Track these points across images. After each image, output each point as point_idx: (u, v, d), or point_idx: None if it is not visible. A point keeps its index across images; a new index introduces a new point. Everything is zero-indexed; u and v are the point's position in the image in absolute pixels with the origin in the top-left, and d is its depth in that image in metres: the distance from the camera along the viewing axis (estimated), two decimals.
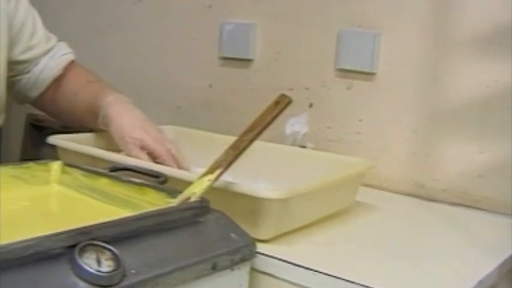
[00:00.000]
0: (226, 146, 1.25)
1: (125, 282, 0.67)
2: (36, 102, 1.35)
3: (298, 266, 0.86)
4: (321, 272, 0.85)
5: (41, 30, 1.31)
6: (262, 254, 0.87)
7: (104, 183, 0.95)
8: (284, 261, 0.87)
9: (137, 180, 0.92)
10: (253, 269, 0.87)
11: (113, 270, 0.66)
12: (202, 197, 0.84)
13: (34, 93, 1.32)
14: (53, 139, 1.15)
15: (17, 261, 0.63)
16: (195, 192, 0.84)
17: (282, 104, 0.92)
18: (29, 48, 1.29)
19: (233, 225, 0.85)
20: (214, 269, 0.78)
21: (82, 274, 0.65)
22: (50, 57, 1.32)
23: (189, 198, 0.84)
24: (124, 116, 1.16)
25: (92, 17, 1.77)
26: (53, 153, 1.89)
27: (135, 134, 1.13)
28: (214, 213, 0.84)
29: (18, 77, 1.29)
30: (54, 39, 1.34)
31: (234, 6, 1.48)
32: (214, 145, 1.26)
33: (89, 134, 1.24)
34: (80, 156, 1.10)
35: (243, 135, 0.90)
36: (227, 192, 0.90)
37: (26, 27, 1.28)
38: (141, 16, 1.68)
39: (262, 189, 0.89)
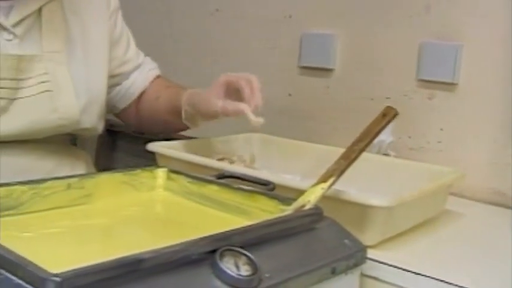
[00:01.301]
0: (307, 153, 1.30)
1: (262, 286, 0.71)
2: (120, 113, 1.40)
3: (407, 270, 0.89)
4: (429, 277, 0.88)
5: (132, 46, 1.37)
6: (370, 259, 0.91)
7: (212, 190, 0.99)
8: (392, 266, 0.91)
9: (247, 188, 0.96)
10: (361, 273, 0.90)
11: (252, 274, 0.70)
12: (316, 205, 0.87)
13: (121, 105, 1.38)
14: (155, 146, 1.19)
15: (167, 266, 0.67)
16: (309, 200, 0.87)
17: (389, 115, 0.95)
18: (123, 63, 1.34)
19: (344, 232, 0.88)
20: (333, 273, 0.82)
21: (224, 278, 0.69)
22: (139, 72, 1.38)
23: (303, 205, 0.87)
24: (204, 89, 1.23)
25: (169, 26, 1.82)
26: (126, 157, 1.95)
27: (220, 80, 1.19)
28: (326, 220, 0.88)
29: (109, 89, 1.33)
30: (142, 54, 1.40)
31: (314, 16, 1.51)
32: (297, 152, 1.31)
33: (183, 141, 1.28)
34: (179, 163, 1.13)
35: (353, 145, 0.94)
36: (335, 200, 0.93)
37: (122, 42, 1.34)
38: (218, 25, 1.72)
39: (371, 197, 0.92)
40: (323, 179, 0.90)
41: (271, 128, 1.38)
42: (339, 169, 0.90)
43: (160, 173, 1.06)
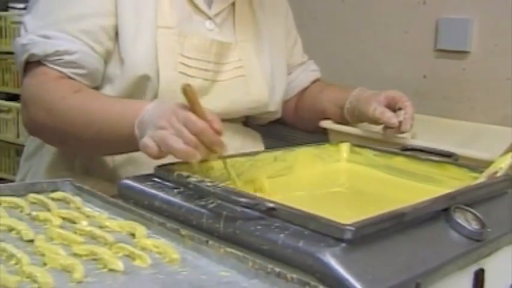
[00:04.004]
0: (455, 130, 1.41)
1: (488, 238, 0.82)
2: None
3: None
4: None
5: (299, 44, 1.52)
6: None
7: (399, 161, 1.11)
8: None
9: (436, 158, 1.07)
10: None
11: (481, 228, 0.82)
12: (507, 172, 0.98)
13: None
14: (328, 124, 1.34)
15: (416, 220, 0.79)
16: (501, 167, 0.98)
17: None
18: (290, 55, 1.47)
19: None
20: None
21: (460, 230, 0.81)
22: (302, 69, 1.51)
23: (496, 172, 0.98)
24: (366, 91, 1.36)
25: (298, 10, 1.91)
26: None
27: (388, 92, 1.32)
28: None
29: None
30: (306, 56, 1.54)
31: (448, 2, 1.61)
32: (445, 128, 1.42)
33: None
34: (351, 137, 1.25)
35: None
36: None
37: (291, 36, 1.49)
38: (348, 11, 1.83)
39: None
40: (511, 149, 1.01)
41: None
42: None
43: (344, 147, 1.18)
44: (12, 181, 2.35)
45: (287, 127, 1.57)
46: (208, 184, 0.85)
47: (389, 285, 0.67)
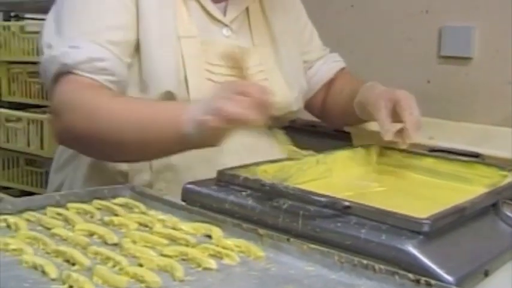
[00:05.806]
0: (461, 131, 1.50)
1: None
2: (306, 103, 1.49)
3: None
4: None
5: (317, 39, 1.55)
6: None
7: (429, 162, 1.18)
8: None
9: (465, 158, 1.16)
10: None
11: None
12: None
13: (306, 95, 1.49)
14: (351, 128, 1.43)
15: (472, 214, 0.87)
16: None
17: None
18: (307, 52, 1.51)
19: None
20: None
21: (509, 222, 0.90)
22: (322, 62, 1.53)
23: None
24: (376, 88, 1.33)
25: None
26: None
27: (390, 97, 1.27)
28: None
29: None
30: (327, 50, 1.57)
31: (450, 11, 1.71)
32: (452, 130, 1.51)
33: None
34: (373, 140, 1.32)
35: None
36: None
37: (307, 31, 1.53)
38: (353, 19, 1.92)
39: None
40: None
41: None
42: None
43: (374, 149, 1.26)
44: (21, 190, 2.35)
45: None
46: (282, 185, 0.91)
47: (466, 271, 0.75)
